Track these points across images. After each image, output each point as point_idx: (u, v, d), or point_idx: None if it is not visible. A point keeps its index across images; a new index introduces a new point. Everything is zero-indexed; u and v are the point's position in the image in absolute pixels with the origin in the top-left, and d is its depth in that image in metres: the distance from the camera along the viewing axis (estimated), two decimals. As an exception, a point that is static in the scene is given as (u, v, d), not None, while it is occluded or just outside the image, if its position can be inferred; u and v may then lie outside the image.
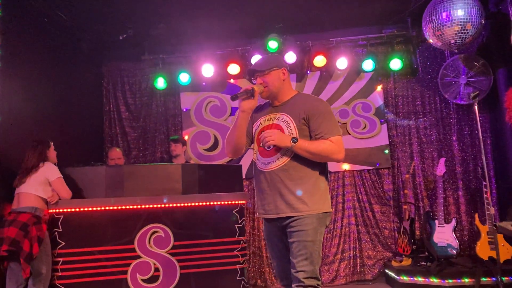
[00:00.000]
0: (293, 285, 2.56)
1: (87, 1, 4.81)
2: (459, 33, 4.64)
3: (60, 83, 5.17)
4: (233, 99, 2.58)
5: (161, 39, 5.83)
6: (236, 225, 4.03)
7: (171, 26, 5.50)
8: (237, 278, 3.97)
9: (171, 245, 3.88)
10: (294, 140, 2.52)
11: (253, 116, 2.84)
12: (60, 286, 3.72)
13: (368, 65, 5.81)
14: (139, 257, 3.82)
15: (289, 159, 2.59)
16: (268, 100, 2.86)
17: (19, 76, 4.40)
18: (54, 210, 3.84)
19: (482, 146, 4.45)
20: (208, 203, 4.00)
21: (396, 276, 5.05)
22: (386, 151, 5.93)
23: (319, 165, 2.64)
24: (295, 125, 2.62)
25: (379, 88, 6.06)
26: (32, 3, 4.66)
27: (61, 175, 3.89)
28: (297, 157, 2.58)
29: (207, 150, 6.18)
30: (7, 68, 4.18)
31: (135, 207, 3.89)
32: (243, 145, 2.79)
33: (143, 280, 3.81)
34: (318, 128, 2.59)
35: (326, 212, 2.64)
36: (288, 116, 2.66)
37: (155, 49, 6.04)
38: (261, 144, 2.63)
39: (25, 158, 3.89)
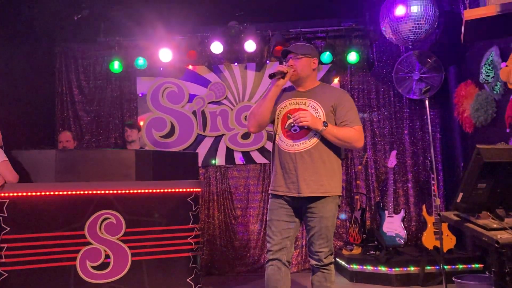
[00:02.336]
0: (313, 262, 2.89)
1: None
2: (413, 29, 4.78)
3: (9, 63, 4.94)
4: (270, 77, 2.85)
5: (118, 21, 5.67)
6: (190, 213, 4.00)
7: (129, 8, 5.36)
8: (190, 266, 3.96)
9: (122, 232, 3.80)
10: (325, 124, 2.73)
11: (278, 98, 2.98)
12: (3, 273, 3.58)
13: (326, 57, 5.87)
14: (89, 243, 3.73)
15: (315, 143, 2.81)
16: (291, 85, 3.04)
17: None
18: (-1, 194, 3.67)
19: (431, 140, 4.63)
20: (162, 190, 3.96)
21: (346, 265, 5.19)
22: (341, 143, 6.04)
23: (338, 151, 2.90)
24: (324, 111, 2.83)
25: (336, 80, 6.16)
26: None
27: (6, 159, 3.72)
28: (322, 141, 2.80)
29: (163, 137, 6.10)
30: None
31: (86, 192, 3.79)
32: (268, 120, 2.95)
33: (93, 267, 3.73)
34: (344, 116, 2.83)
35: (341, 196, 2.95)
36: (317, 102, 2.86)
37: (111, 31, 5.87)
38: (291, 124, 2.83)
39: None
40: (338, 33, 6.03)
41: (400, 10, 4.77)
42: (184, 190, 4.02)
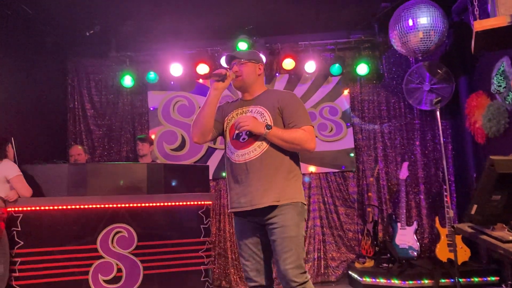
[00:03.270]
0: (282, 283, 2.53)
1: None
2: (423, 40, 4.78)
3: (23, 78, 5.02)
4: (207, 77, 2.65)
5: (129, 37, 5.75)
6: (201, 226, 4.01)
7: (140, 24, 5.43)
8: (202, 279, 3.95)
9: (134, 245, 3.82)
10: (269, 126, 2.53)
11: (224, 110, 2.84)
12: (17, 287, 3.60)
13: (335, 69, 5.89)
14: (101, 257, 3.75)
15: (265, 149, 2.59)
16: (239, 97, 2.89)
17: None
18: (12, 209, 3.71)
19: (443, 151, 4.60)
20: (173, 204, 3.97)
21: (359, 278, 5.13)
22: (352, 155, 6.03)
23: (294, 156, 2.67)
24: (269, 115, 2.64)
25: (346, 92, 6.16)
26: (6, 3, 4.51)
27: (20, 173, 3.77)
28: (272, 147, 2.58)
29: (174, 150, 6.13)
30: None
31: (98, 206, 3.82)
32: (211, 128, 2.72)
33: (105, 281, 3.74)
34: (291, 117, 2.63)
35: (303, 203, 2.63)
36: (262, 107, 2.68)
37: (122, 46, 5.94)
38: (239, 134, 2.64)
39: None
40: (347, 45, 6.05)
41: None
42: (195, 203, 4.03)
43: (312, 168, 6.02)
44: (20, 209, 3.72)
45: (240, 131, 2.60)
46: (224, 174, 6.06)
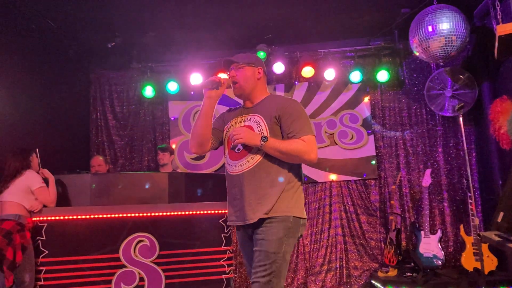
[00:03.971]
0: None
1: (75, 8, 4.80)
2: (444, 46, 4.71)
3: (47, 90, 5.13)
4: (200, 86, 2.53)
5: (150, 48, 5.83)
6: (222, 235, 4.00)
7: (160, 35, 5.51)
8: (223, 288, 3.94)
9: (156, 254, 3.84)
10: (264, 138, 2.35)
11: (225, 118, 2.72)
12: (42, 295, 3.65)
13: (355, 76, 5.88)
14: (124, 266, 3.77)
15: (259, 160, 2.42)
16: (240, 103, 2.74)
17: (5, 83, 4.37)
18: (37, 218, 3.78)
19: (467, 158, 4.52)
20: (194, 212, 3.98)
21: (382, 287, 5.05)
22: (373, 162, 5.97)
23: (292, 168, 2.47)
24: (266, 124, 2.47)
25: (366, 99, 6.12)
26: (20, 10, 4.63)
27: (43, 184, 3.84)
28: (268, 159, 2.41)
29: (194, 159, 6.16)
30: (-7, 74, 4.14)
31: (120, 215, 3.85)
32: (208, 138, 2.59)
33: (128, 290, 3.76)
34: (290, 126, 2.43)
35: (297, 218, 2.41)
36: (259, 116, 2.52)
37: (143, 57, 6.03)
38: (232, 145, 2.50)
39: (7, 165, 3.85)
40: (367, 52, 6.02)
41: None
42: (216, 211, 4.03)
43: (333, 176, 5.97)
44: (45, 218, 3.78)
45: (235, 144, 2.45)
46: (244, 182, 6.05)
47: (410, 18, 5.02)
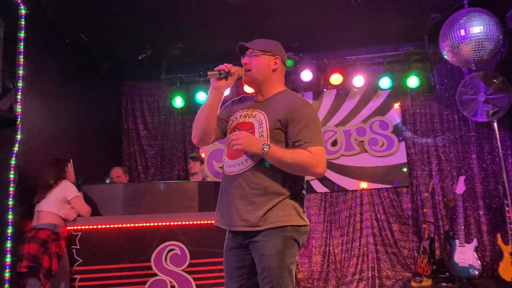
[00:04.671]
0: None
1: (107, 22, 4.93)
2: (476, 50, 4.61)
3: (80, 101, 5.27)
4: (199, 76, 2.21)
5: (179, 59, 5.93)
6: (252, 243, 4.00)
7: (189, 46, 5.59)
8: (254, 297, 3.93)
9: (187, 263, 3.87)
10: (266, 146, 2.07)
11: (232, 108, 2.45)
12: (77, 303, 3.73)
13: (385, 82, 5.82)
14: (155, 275, 3.82)
15: (254, 163, 2.17)
16: (253, 93, 2.45)
17: (41, 95, 4.50)
18: (72, 227, 3.87)
19: (502, 164, 4.39)
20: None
21: (416, 297, 4.94)
22: (405, 170, 5.86)
23: (290, 175, 2.19)
24: (268, 126, 2.19)
25: (396, 105, 6.03)
26: (54, 25, 4.79)
27: (78, 194, 3.93)
28: (262, 163, 2.16)
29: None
30: (30, 87, 4.26)
31: (152, 224, 3.91)
32: (212, 131, 2.35)
33: (159, 298, 3.80)
34: (297, 134, 2.15)
35: (295, 226, 2.17)
36: (264, 114, 2.24)
37: (173, 68, 6.13)
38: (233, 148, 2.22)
39: (43, 175, 3.97)
40: (396, 58, 5.94)
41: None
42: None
43: (363, 184, 5.90)
44: (79, 227, 3.87)
45: (234, 150, 2.18)
46: (273, 191, 6.04)
47: (440, 23, 4.93)
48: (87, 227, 3.88)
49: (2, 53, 4.08)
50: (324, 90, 6.21)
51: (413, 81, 5.75)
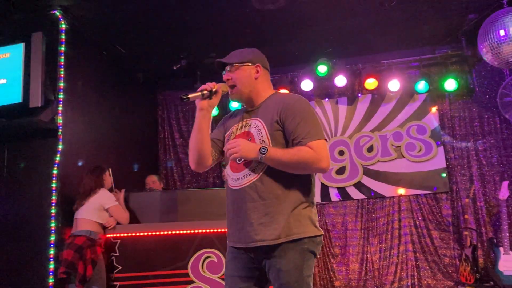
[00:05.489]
0: None
1: (142, 34, 5.05)
2: (518, 50, 4.46)
3: (118, 112, 5.41)
4: (181, 100, 2.11)
5: (213, 68, 5.97)
6: (288, 251, 3.98)
7: (222, 55, 5.64)
8: (290, 305, 3.90)
9: (223, 271, 3.87)
10: (263, 150, 2.00)
11: (226, 124, 2.38)
12: (117, 309, 3.80)
13: (421, 86, 5.71)
14: (192, 282, 3.85)
15: (262, 173, 2.08)
16: (243, 107, 2.38)
17: (81, 107, 4.66)
18: (111, 235, 3.96)
19: (549, 168, 4.19)
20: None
21: (458, 307, 4.78)
22: (444, 175, 5.71)
23: (303, 180, 2.12)
24: (267, 131, 2.11)
25: (434, 109, 5.90)
26: (92, 38, 4.95)
27: (116, 202, 4.01)
28: (272, 171, 2.06)
29: (258, 175, 6.19)
30: (70, 99, 4.43)
31: (188, 232, 3.95)
32: (208, 154, 2.25)
33: (197, 306, 3.83)
34: (294, 131, 2.06)
35: (311, 237, 2.08)
36: (260, 120, 2.16)
37: (207, 77, 6.19)
38: (237, 160, 2.15)
39: (82, 182, 4.07)
40: (433, 61, 5.82)
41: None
42: (282, 228, 4.02)
43: (401, 191, 5.78)
44: (118, 235, 3.95)
45: (231, 159, 2.11)
46: (309, 198, 6.00)
47: (478, 24, 4.81)
48: (125, 234, 3.96)
49: (44, 67, 4.26)
50: (359, 95, 6.14)
51: (451, 84, 5.60)
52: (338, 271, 5.77)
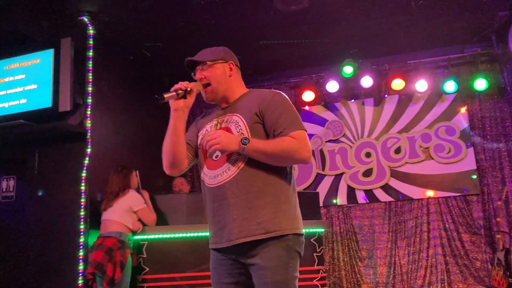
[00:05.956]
0: None
1: (168, 39, 5.10)
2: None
3: (144, 115, 5.48)
4: (156, 100, 2.05)
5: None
6: (314, 254, 3.95)
7: (246, 58, 5.64)
8: (317, 309, 3.87)
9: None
10: (245, 141, 1.92)
11: (198, 124, 2.30)
12: (144, 310, 3.84)
13: (450, 86, 5.59)
14: (218, 284, 3.85)
15: (242, 166, 1.99)
16: (216, 106, 2.30)
17: (108, 110, 4.74)
18: (138, 237, 4.00)
19: None
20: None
21: (491, 313, 4.65)
22: (474, 177, 5.57)
23: (283, 172, 2.05)
24: (245, 123, 2.05)
25: (463, 110, 5.76)
26: (119, 43, 5.03)
27: (145, 205, 4.04)
28: (252, 164, 1.98)
29: (284, 177, 6.18)
30: (97, 103, 4.51)
31: (214, 234, 3.95)
32: (182, 157, 2.16)
33: (223, 308, 3.82)
34: (275, 122, 2.02)
35: (297, 235, 2.00)
36: (237, 114, 2.10)
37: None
38: (208, 153, 2.06)
39: (110, 182, 4.08)
40: (461, 60, 5.71)
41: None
42: (307, 230, 3.98)
43: (430, 193, 5.66)
44: (145, 237, 3.99)
45: (212, 151, 2.01)
46: (335, 200, 5.96)
47: (509, 21, 4.68)
48: (153, 236, 3.99)
49: (72, 72, 4.35)
50: (386, 96, 6.06)
51: (480, 84, 5.47)
52: (365, 274, 5.69)
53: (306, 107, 6.23)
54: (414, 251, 5.61)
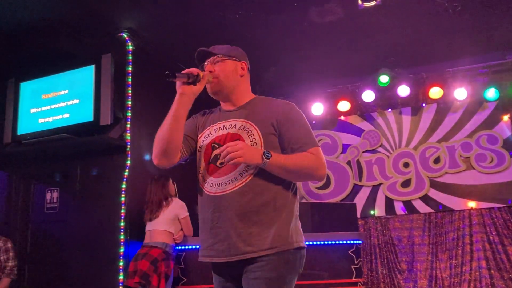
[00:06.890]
0: None
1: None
2: None
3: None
4: (166, 76, 1.95)
5: (272, 82, 6.04)
6: (352, 266, 3.89)
7: (281, 68, 5.69)
8: (356, 322, 3.80)
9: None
10: (267, 155, 1.81)
11: (198, 123, 2.16)
12: (182, 321, 3.87)
13: (491, 94, 5.46)
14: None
15: (250, 178, 1.88)
16: (218, 107, 2.19)
17: (147, 123, 4.84)
18: (178, 247, 4.04)
19: None
20: (322, 243, 3.94)
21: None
22: (519, 187, 5.37)
23: (290, 186, 1.97)
24: (260, 133, 1.93)
25: (506, 118, 5.58)
26: (157, 58, 5.15)
27: (187, 213, 4.08)
28: (261, 176, 1.87)
29: (319, 188, 6.14)
30: (137, 116, 4.63)
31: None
32: (177, 147, 2.00)
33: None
34: (293, 137, 1.93)
35: (298, 248, 1.92)
36: (249, 121, 1.97)
37: (265, 91, 6.24)
38: (217, 156, 1.92)
39: (149, 191, 4.13)
40: (502, 67, 5.54)
41: None
42: (345, 242, 3.94)
43: (472, 204, 5.49)
44: (183, 247, 4.04)
45: (232, 164, 1.84)
46: (373, 212, 5.86)
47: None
48: (190, 247, 4.04)
49: (113, 87, 4.50)
50: (423, 105, 5.95)
51: (524, 91, 5.30)
52: (405, 287, 5.55)
53: (342, 117, 6.19)
54: (457, 264, 5.44)
